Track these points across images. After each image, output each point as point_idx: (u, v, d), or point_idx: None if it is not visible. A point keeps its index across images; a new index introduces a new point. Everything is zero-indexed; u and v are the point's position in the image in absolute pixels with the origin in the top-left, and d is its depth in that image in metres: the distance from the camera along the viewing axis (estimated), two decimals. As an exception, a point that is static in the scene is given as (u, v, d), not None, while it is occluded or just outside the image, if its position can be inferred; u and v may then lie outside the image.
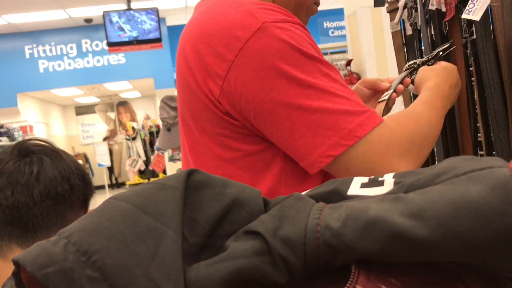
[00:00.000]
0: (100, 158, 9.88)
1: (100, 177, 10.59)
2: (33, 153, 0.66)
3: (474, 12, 1.02)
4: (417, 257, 0.31)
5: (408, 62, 1.48)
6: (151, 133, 10.84)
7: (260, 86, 0.74)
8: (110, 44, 5.57)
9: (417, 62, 1.11)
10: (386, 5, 1.50)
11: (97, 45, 8.79)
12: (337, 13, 7.42)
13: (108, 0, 7.16)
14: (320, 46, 4.97)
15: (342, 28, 7.38)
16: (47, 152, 0.67)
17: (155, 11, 5.69)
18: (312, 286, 0.32)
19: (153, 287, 0.29)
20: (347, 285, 0.32)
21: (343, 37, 2.76)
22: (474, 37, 1.12)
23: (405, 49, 1.46)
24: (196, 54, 0.78)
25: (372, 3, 1.44)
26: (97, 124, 12.47)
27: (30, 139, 0.71)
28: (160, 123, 4.32)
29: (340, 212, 0.32)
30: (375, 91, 1.08)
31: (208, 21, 0.79)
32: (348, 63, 2.75)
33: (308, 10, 0.96)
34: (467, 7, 1.07)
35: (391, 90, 1.00)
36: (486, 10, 1.03)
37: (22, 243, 0.63)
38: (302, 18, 0.92)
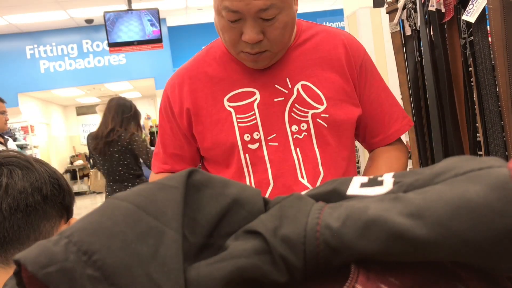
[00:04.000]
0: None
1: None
2: (3, 165, 0.65)
3: (471, 13, 1.03)
4: (417, 257, 0.31)
5: (407, 62, 1.49)
6: (151, 133, 10.83)
7: None
8: (110, 45, 5.58)
9: None
10: (386, 5, 1.50)
11: (97, 46, 8.80)
12: (337, 14, 7.42)
13: (108, 0, 7.16)
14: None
15: (343, 28, 7.35)
16: (18, 163, 0.65)
17: (156, 11, 5.69)
18: (311, 285, 0.33)
19: (154, 287, 0.29)
20: (347, 284, 0.32)
21: (343, 37, 2.78)
22: (473, 38, 1.12)
23: (404, 49, 1.46)
24: None
25: (372, 4, 1.44)
26: (98, 124, 12.47)
27: (1, 151, 0.69)
28: (160, 123, 4.31)
29: (339, 212, 0.32)
30: None
31: None
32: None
33: (239, 57, 1.05)
34: (467, 8, 1.07)
35: None
36: (483, 12, 1.03)
37: None
38: (243, 62, 1.06)
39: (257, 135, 1.06)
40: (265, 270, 0.31)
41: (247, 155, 1.06)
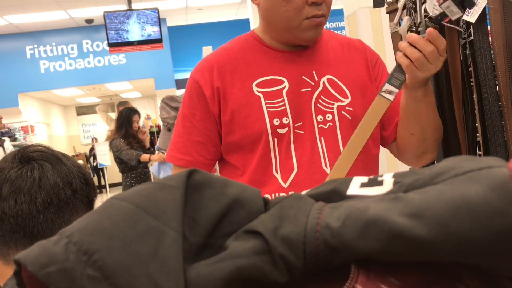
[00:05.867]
0: (100, 158, 9.87)
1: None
2: (34, 160, 0.66)
3: (471, 13, 1.03)
4: (417, 257, 0.31)
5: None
6: (151, 133, 10.83)
7: None
8: (110, 45, 5.58)
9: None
10: (386, 5, 1.50)
11: (98, 46, 8.80)
12: (337, 14, 7.41)
13: (109, 0, 7.16)
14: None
15: (342, 28, 7.37)
16: (48, 158, 0.67)
17: (156, 11, 5.69)
18: (311, 285, 0.33)
19: (154, 287, 0.29)
20: (347, 284, 0.32)
21: (343, 37, 2.77)
22: (472, 38, 1.12)
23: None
24: None
25: (372, 4, 1.44)
26: (98, 124, 12.47)
27: (30, 146, 0.70)
28: (160, 123, 4.36)
29: (339, 212, 0.32)
30: None
31: None
32: (349, 63, 2.76)
33: (301, 28, 1.08)
34: (467, 9, 1.07)
35: (396, 90, 1.01)
36: (484, 12, 1.03)
37: None
38: (301, 33, 1.09)
39: (286, 120, 1.09)
40: (265, 270, 0.31)
41: (275, 139, 1.08)
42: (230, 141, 1.12)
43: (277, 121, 1.08)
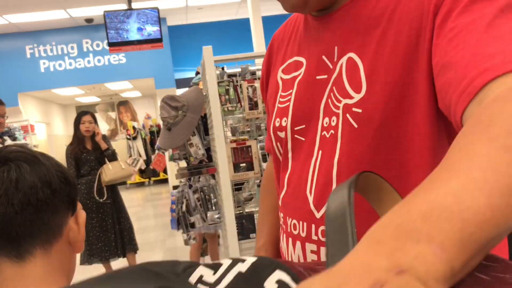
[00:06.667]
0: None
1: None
2: (11, 160, 0.65)
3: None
4: None
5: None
6: (151, 133, 10.84)
7: None
8: (110, 44, 5.58)
9: None
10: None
11: (98, 45, 8.80)
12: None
13: (108, 0, 7.16)
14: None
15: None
16: (25, 158, 0.66)
17: (156, 11, 5.69)
18: None
19: None
20: None
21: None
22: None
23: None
24: None
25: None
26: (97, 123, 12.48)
27: (6, 147, 0.69)
28: (160, 122, 4.32)
29: None
30: None
31: None
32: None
33: None
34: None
35: None
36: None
37: (9, 253, 0.62)
38: None
39: (285, 121, 0.82)
40: None
41: (278, 143, 0.85)
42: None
43: (278, 121, 0.84)
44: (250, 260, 0.44)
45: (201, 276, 0.47)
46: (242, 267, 0.43)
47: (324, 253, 0.67)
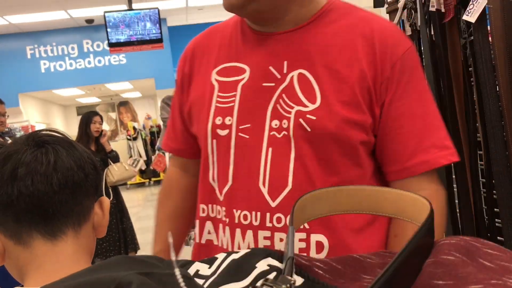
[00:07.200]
0: (101, 158, 9.87)
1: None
2: (48, 143, 0.68)
3: (472, 13, 1.03)
4: None
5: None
6: (152, 133, 10.84)
7: None
8: (111, 45, 5.58)
9: None
10: (386, 5, 1.50)
11: (98, 46, 8.80)
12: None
13: (109, 0, 7.16)
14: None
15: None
16: (60, 142, 0.70)
17: (156, 11, 5.69)
18: None
19: None
20: None
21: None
22: (473, 38, 1.12)
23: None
24: None
25: (372, 4, 1.44)
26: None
27: (41, 130, 0.73)
28: (161, 123, 4.31)
29: None
30: None
31: None
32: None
33: None
34: (467, 9, 1.07)
35: None
36: (484, 12, 1.04)
37: (42, 229, 0.65)
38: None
39: (229, 120, 0.89)
40: None
41: (214, 141, 0.91)
42: (193, 136, 0.99)
43: (219, 119, 0.90)
44: (243, 251, 0.45)
45: (197, 271, 0.49)
46: (235, 256, 0.45)
47: (278, 239, 0.83)
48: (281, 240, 0.85)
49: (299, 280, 0.45)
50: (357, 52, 0.84)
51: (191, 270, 0.49)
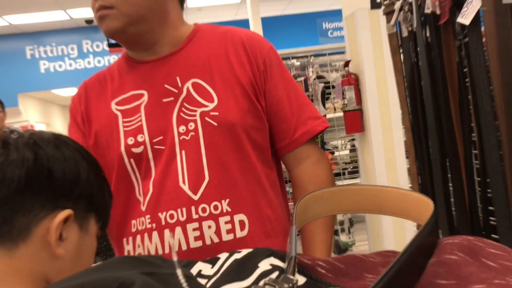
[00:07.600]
0: (100, 158, 9.86)
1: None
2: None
3: (466, 15, 1.05)
4: None
5: (404, 63, 1.51)
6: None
7: None
8: (110, 45, 5.58)
9: None
10: (383, 7, 1.52)
11: (98, 46, 8.80)
12: (336, 14, 7.44)
13: (108, 1, 7.16)
14: (319, 47, 4.96)
15: (341, 29, 7.40)
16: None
17: (156, 12, 5.69)
18: None
19: None
20: None
21: (342, 38, 2.78)
22: (467, 39, 1.14)
23: (401, 51, 1.48)
24: None
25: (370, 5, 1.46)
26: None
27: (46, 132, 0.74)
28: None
29: None
30: None
31: None
32: (346, 64, 2.77)
33: (97, 20, 1.01)
34: (461, 11, 1.09)
35: None
36: (478, 14, 1.05)
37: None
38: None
39: (142, 137, 1.00)
40: None
41: (131, 160, 1.00)
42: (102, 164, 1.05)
43: (131, 139, 1.00)
44: (246, 250, 0.46)
45: (200, 271, 0.50)
46: (238, 256, 0.46)
47: (207, 227, 0.94)
48: (209, 227, 0.95)
49: (301, 280, 0.45)
50: (233, 56, 1.03)
51: (194, 270, 0.50)
